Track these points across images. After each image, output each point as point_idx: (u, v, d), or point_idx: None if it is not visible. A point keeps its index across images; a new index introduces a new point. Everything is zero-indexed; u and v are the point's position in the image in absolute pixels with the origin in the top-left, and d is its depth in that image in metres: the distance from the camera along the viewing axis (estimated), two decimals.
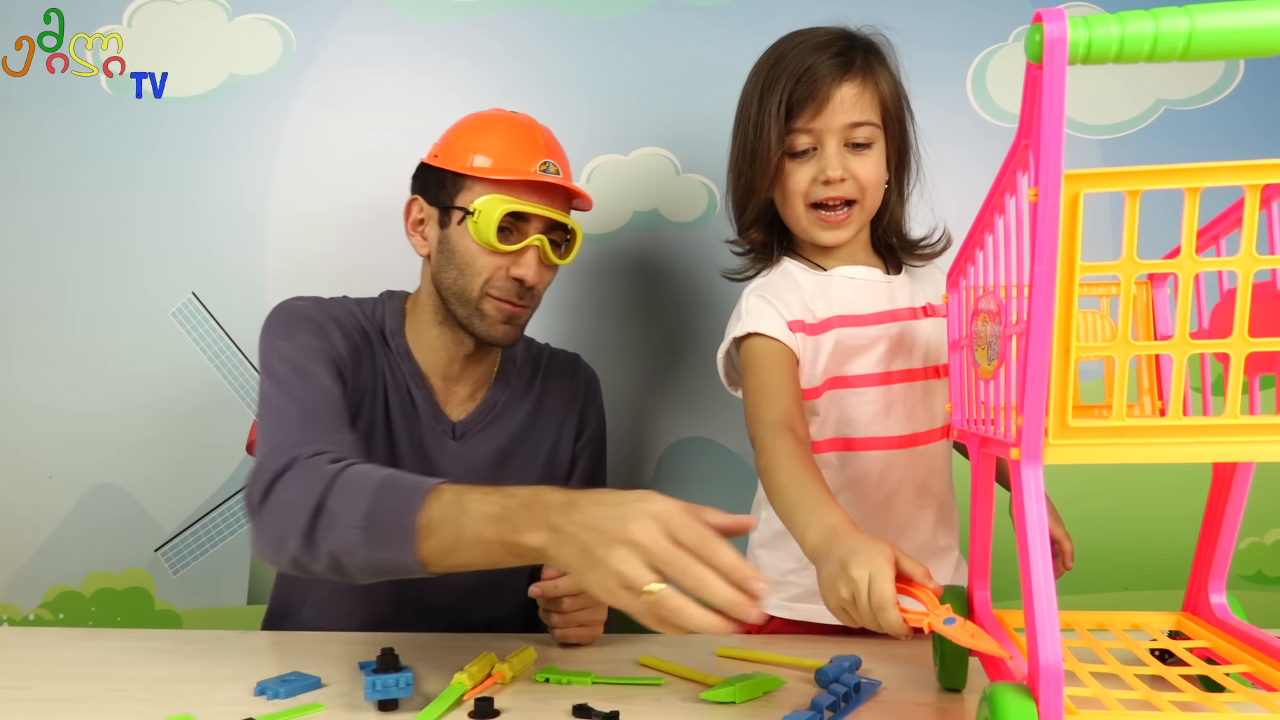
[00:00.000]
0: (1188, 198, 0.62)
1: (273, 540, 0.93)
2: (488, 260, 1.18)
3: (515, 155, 1.17)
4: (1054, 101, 0.60)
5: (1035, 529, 0.64)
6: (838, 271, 1.15)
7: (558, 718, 0.87)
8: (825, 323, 1.12)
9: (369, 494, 0.88)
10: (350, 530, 0.88)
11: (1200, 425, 0.65)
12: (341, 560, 0.89)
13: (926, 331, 1.14)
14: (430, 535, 0.85)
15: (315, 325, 1.15)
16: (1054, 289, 0.62)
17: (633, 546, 0.75)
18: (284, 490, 0.94)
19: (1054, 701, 0.61)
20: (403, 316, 1.27)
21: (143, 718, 0.86)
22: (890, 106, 1.10)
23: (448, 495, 0.87)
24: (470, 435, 1.26)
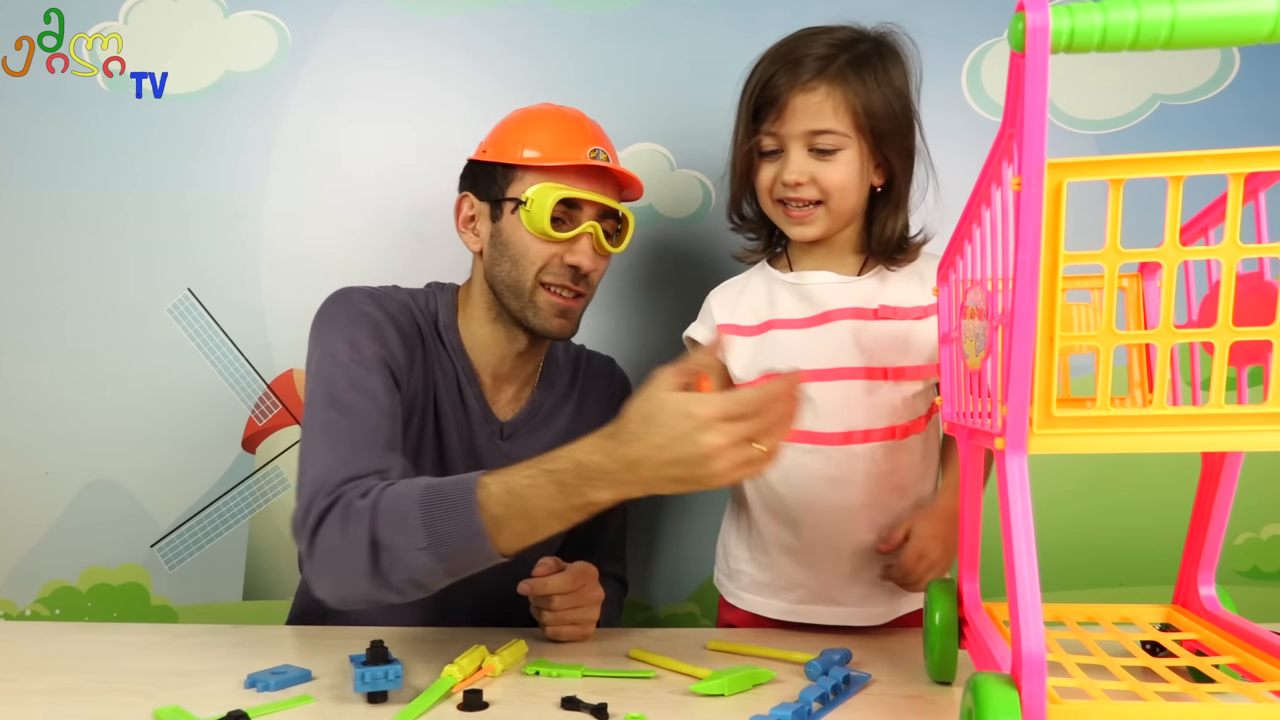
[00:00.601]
0: (1171, 186, 0.62)
1: (336, 585, 0.97)
2: (541, 249, 1.17)
3: (566, 144, 1.17)
4: (1036, 90, 0.60)
5: (1019, 519, 0.64)
6: (800, 276, 1.19)
7: (546, 710, 0.87)
8: (765, 324, 1.19)
9: (419, 517, 0.91)
10: (418, 555, 0.91)
11: (1185, 415, 0.65)
12: (420, 580, 0.93)
13: (876, 332, 1.14)
14: (501, 529, 0.90)
15: (374, 325, 1.13)
16: (1037, 278, 0.62)
17: (718, 453, 0.83)
18: (328, 536, 0.95)
19: (1036, 691, 0.61)
20: (455, 310, 1.25)
21: (132, 709, 0.87)
22: (864, 115, 1.10)
23: (495, 488, 0.91)
24: (518, 436, 1.25)
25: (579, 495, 0.89)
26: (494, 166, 1.19)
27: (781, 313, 1.18)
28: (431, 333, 1.22)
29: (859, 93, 1.09)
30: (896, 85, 1.12)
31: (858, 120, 1.10)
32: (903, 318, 1.15)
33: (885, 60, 1.12)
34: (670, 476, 0.85)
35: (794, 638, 1.11)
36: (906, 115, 1.14)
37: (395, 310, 1.17)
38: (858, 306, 1.16)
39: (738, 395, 0.84)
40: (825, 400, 1.14)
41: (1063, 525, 1.53)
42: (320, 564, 0.96)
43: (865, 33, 1.15)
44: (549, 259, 1.17)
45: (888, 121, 1.11)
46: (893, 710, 0.87)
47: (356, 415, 1.05)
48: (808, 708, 0.84)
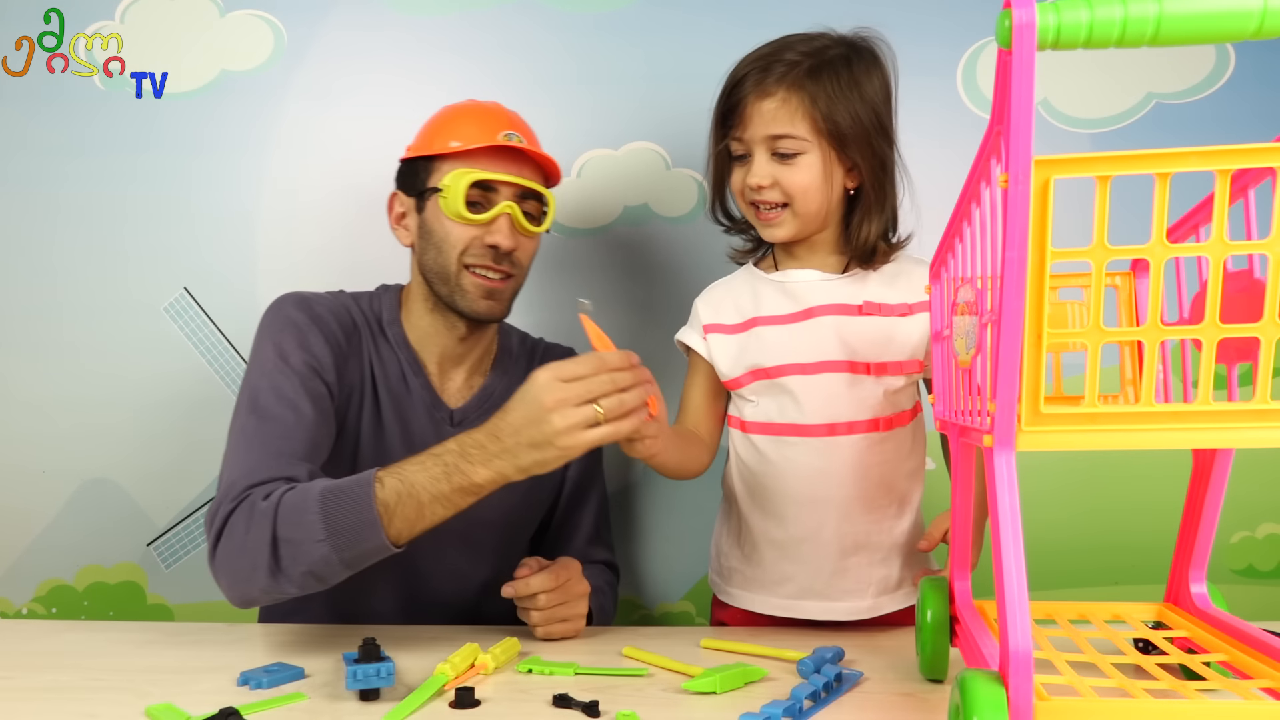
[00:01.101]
0: (1158, 183, 0.62)
1: (238, 581, 1.01)
2: (461, 232, 1.20)
3: (477, 130, 1.20)
4: (1023, 86, 0.60)
5: (1007, 516, 0.64)
6: (784, 274, 1.21)
7: (538, 708, 0.87)
8: (749, 322, 1.20)
9: (317, 511, 0.97)
10: (316, 546, 0.97)
11: (1173, 411, 0.65)
12: (318, 572, 0.98)
13: (860, 327, 1.15)
14: (392, 517, 0.97)
15: (299, 330, 1.18)
16: (1025, 275, 0.62)
17: (557, 407, 0.94)
18: (232, 536, 1.01)
19: (1024, 688, 0.61)
20: (399, 307, 1.29)
21: (124, 707, 0.87)
22: (825, 120, 1.11)
23: (389, 480, 0.98)
24: (468, 422, 1.26)
25: (460, 474, 0.98)
26: (416, 162, 1.24)
27: (766, 310, 1.20)
28: (374, 330, 1.26)
29: (817, 99, 1.11)
30: (864, 91, 1.13)
31: (816, 125, 1.12)
32: (886, 314, 1.16)
33: (854, 66, 1.13)
34: (524, 441, 0.96)
35: (787, 635, 1.11)
36: (876, 120, 1.14)
37: (324, 313, 1.21)
38: (841, 303, 1.17)
39: (575, 358, 0.96)
40: (808, 393, 1.15)
41: (1056, 524, 1.53)
42: (223, 562, 1.02)
43: (838, 39, 1.16)
44: (469, 241, 1.20)
45: (852, 127, 1.12)
46: (884, 708, 0.87)
47: (273, 421, 1.10)
48: (799, 705, 0.84)
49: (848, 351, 1.15)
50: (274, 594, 1.00)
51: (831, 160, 1.13)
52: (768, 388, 1.19)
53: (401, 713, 0.84)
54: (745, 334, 1.20)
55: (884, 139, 1.15)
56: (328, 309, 1.22)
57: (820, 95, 1.11)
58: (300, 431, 1.10)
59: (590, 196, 1.57)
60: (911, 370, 1.16)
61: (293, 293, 1.24)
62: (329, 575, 0.99)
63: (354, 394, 1.21)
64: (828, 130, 1.12)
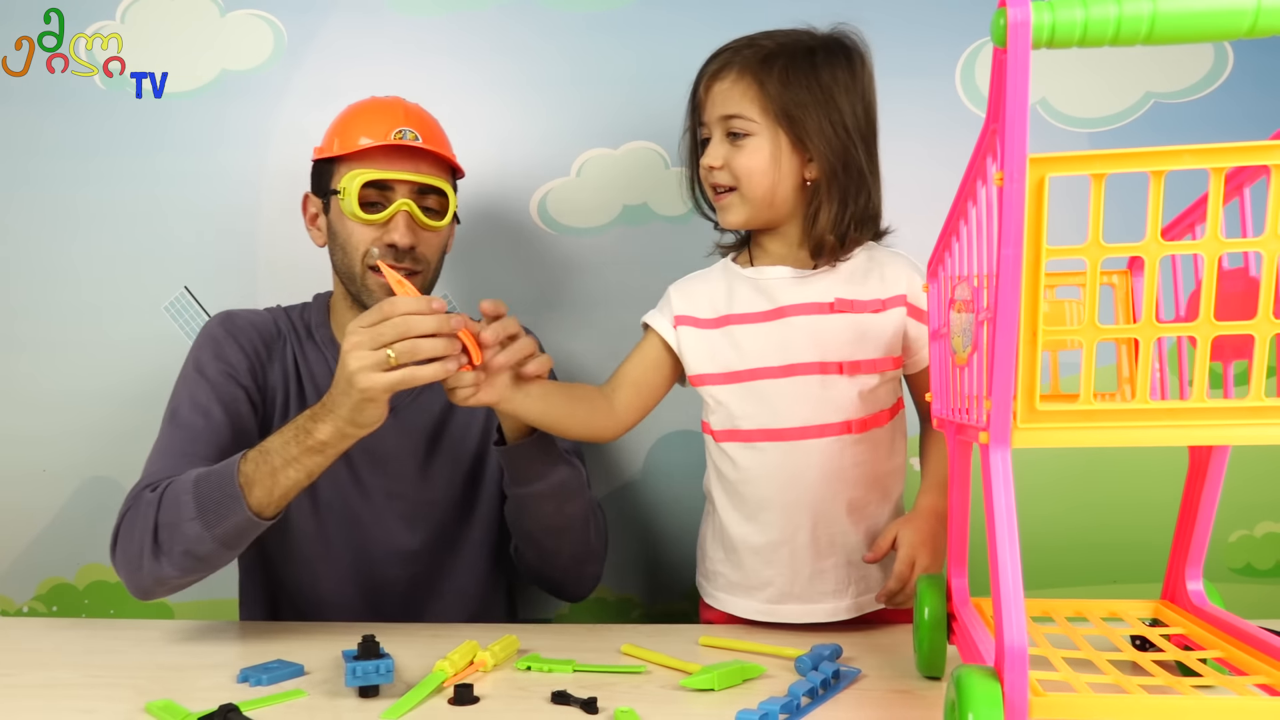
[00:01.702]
0: (1153, 181, 0.62)
1: (130, 571, 1.08)
2: (362, 232, 1.22)
3: (370, 129, 1.22)
4: (1018, 84, 0.60)
5: (1003, 512, 0.65)
6: (758, 271, 1.20)
7: (537, 705, 0.87)
8: (722, 319, 1.20)
9: (190, 492, 1.04)
10: (189, 525, 1.04)
11: (1168, 409, 0.65)
12: (194, 551, 1.05)
13: (832, 325, 1.14)
14: (252, 485, 1.03)
15: (217, 344, 1.26)
16: (1020, 273, 0.63)
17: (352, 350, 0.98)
18: (125, 530, 1.09)
19: (1019, 683, 0.61)
20: (327, 311, 1.34)
21: (124, 704, 0.87)
22: (775, 104, 1.12)
23: (252, 453, 1.05)
24: (403, 407, 1.29)
25: (305, 434, 1.03)
26: (321, 163, 1.26)
27: (739, 307, 1.19)
28: (300, 335, 1.32)
29: (766, 82, 1.12)
30: (823, 80, 1.12)
31: (766, 108, 1.12)
32: (858, 310, 1.15)
33: (816, 57, 1.13)
34: (339, 390, 1.01)
35: (784, 634, 1.11)
36: (834, 110, 1.13)
37: (245, 325, 1.29)
38: (813, 301, 1.16)
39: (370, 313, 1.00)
40: (780, 396, 1.14)
41: (1053, 522, 1.53)
42: (118, 555, 1.09)
43: (811, 34, 1.16)
44: (371, 242, 1.22)
45: (803, 111, 1.11)
46: (881, 704, 0.87)
47: (183, 429, 1.18)
48: (796, 702, 0.84)
49: (819, 352, 1.14)
50: (160, 578, 1.06)
51: (782, 146, 1.13)
52: (738, 391, 1.18)
53: (400, 709, 0.84)
54: (718, 331, 1.19)
55: (845, 133, 1.13)
56: (249, 321, 1.29)
57: (770, 80, 1.12)
58: (207, 435, 1.17)
59: (589, 196, 1.57)
60: (885, 368, 1.15)
61: (221, 312, 1.32)
62: (206, 554, 1.05)
63: (277, 394, 1.27)
64: (776, 113, 1.12)
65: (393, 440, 1.27)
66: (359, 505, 1.28)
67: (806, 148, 1.13)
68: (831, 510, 1.15)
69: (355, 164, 1.21)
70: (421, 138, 1.22)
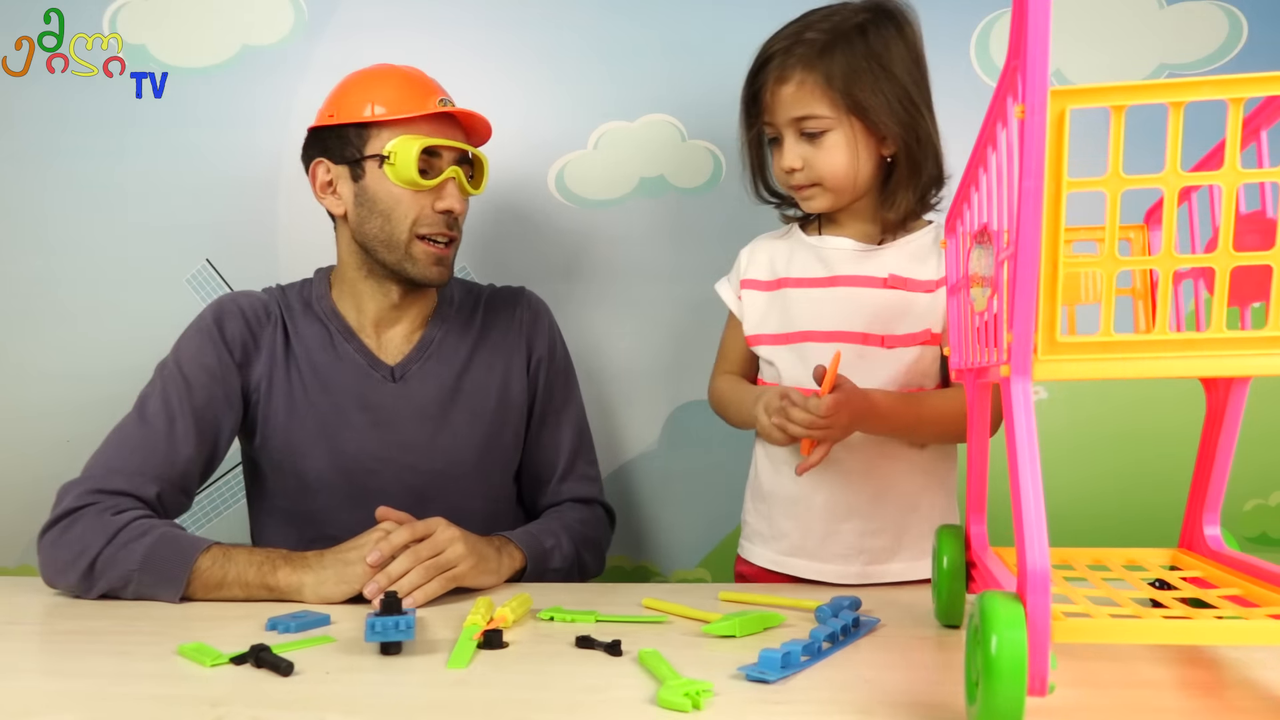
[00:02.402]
0: (1171, 113, 0.63)
1: (52, 568, 1.10)
2: (412, 200, 1.22)
3: (413, 96, 1.23)
4: (1040, 18, 0.61)
5: (1024, 441, 0.66)
6: (821, 240, 1.24)
7: (562, 649, 0.88)
8: (779, 281, 1.24)
9: (144, 549, 1.06)
10: (125, 569, 1.06)
11: (1187, 340, 0.66)
12: (114, 588, 1.07)
13: (881, 300, 1.18)
14: (198, 577, 1.06)
15: (202, 341, 1.26)
16: (1041, 204, 0.64)
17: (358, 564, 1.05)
18: (70, 529, 1.10)
19: (1041, 604, 0.62)
20: (328, 283, 1.34)
21: (158, 646, 0.89)
22: (844, 97, 1.12)
23: (216, 551, 1.08)
24: (409, 375, 1.30)
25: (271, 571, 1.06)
26: (345, 129, 1.24)
27: (796, 272, 1.22)
28: (294, 309, 1.31)
29: (832, 76, 1.12)
30: (884, 60, 1.13)
31: (836, 102, 1.13)
32: (911, 289, 1.18)
33: (869, 36, 1.13)
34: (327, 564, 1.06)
35: (804, 590, 1.13)
36: (900, 88, 1.14)
37: (235, 317, 1.28)
38: (868, 275, 1.19)
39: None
40: (821, 358, 1.15)
41: (1066, 487, 1.54)
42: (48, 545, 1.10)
43: (857, 7, 1.16)
44: (421, 209, 1.23)
45: (874, 98, 1.12)
46: (901, 649, 0.89)
47: (148, 429, 1.20)
48: (818, 645, 0.85)
49: (863, 322, 1.17)
50: (71, 589, 1.09)
51: (858, 134, 1.14)
52: (785, 352, 1.21)
53: (460, 659, 0.84)
54: (773, 293, 1.23)
55: (912, 105, 1.14)
56: (243, 309, 1.29)
57: (835, 72, 1.12)
58: (166, 447, 1.19)
59: (607, 168, 1.59)
60: (923, 340, 1.17)
61: (218, 300, 1.31)
62: (121, 594, 1.07)
63: (263, 382, 1.28)
64: (848, 105, 1.13)
65: (406, 411, 1.29)
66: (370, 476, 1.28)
67: (881, 130, 1.14)
68: (852, 475, 1.17)
69: (404, 130, 1.21)
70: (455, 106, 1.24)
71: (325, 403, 1.27)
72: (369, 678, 0.81)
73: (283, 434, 1.27)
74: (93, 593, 1.07)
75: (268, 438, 1.27)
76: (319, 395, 1.27)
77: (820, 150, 1.15)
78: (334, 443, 1.26)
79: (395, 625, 0.87)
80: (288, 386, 1.27)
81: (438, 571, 1.06)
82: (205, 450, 1.23)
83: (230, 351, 1.26)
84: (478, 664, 0.84)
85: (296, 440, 1.27)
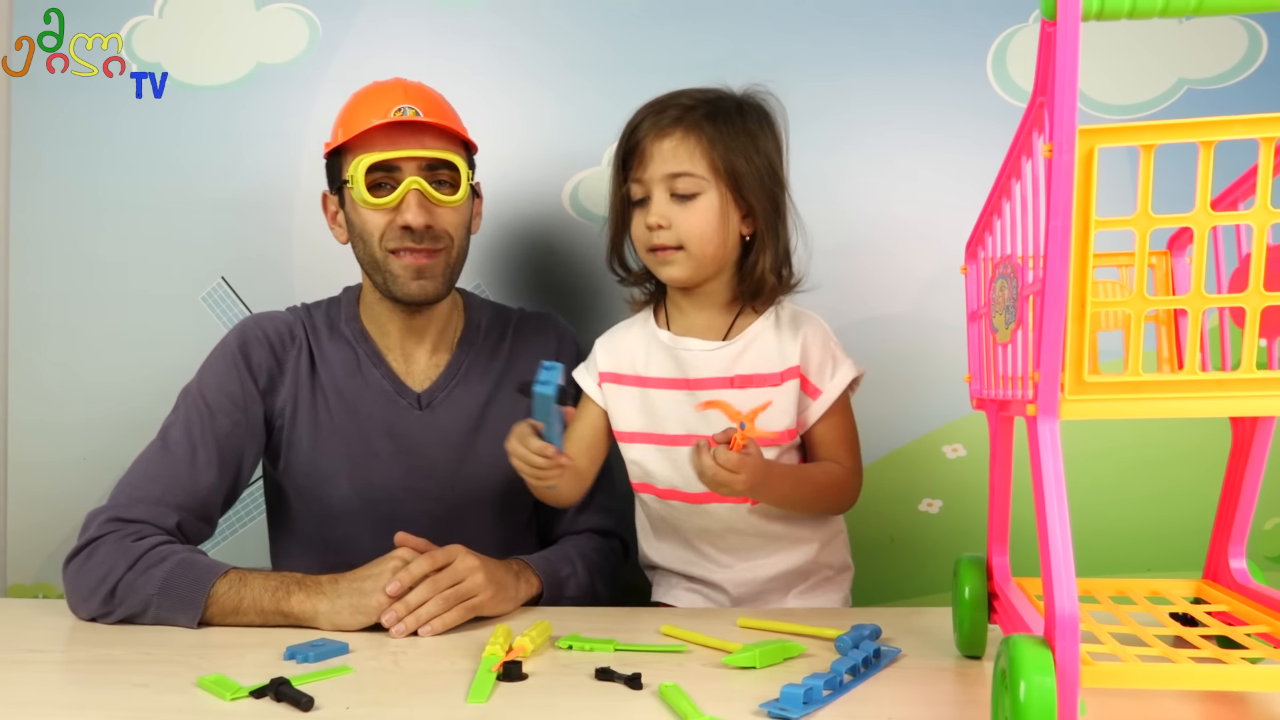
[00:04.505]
0: (1202, 152, 0.63)
1: (77, 600, 1.10)
2: (375, 219, 1.21)
3: (363, 112, 1.20)
4: (1068, 57, 0.61)
5: (1052, 484, 0.65)
6: (674, 340, 1.23)
7: (582, 680, 0.88)
8: (641, 380, 1.24)
9: (164, 576, 1.07)
10: (145, 594, 1.06)
11: (1216, 380, 0.66)
12: (133, 613, 1.07)
13: (734, 400, 1.15)
14: (214, 603, 1.06)
15: (225, 368, 1.25)
16: (1069, 244, 0.63)
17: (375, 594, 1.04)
18: (92, 558, 1.10)
19: (1070, 650, 0.61)
20: (357, 304, 1.33)
21: (177, 678, 0.89)
22: (727, 162, 1.14)
23: (233, 575, 1.08)
24: (437, 403, 1.29)
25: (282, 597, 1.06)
26: (333, 158, 1.25)
27: (655, 371, 1.23)
28: (319, 332, 1.30)
29: (714, 139, 1.15)
30: (755, 138, 1.17)
31: (714, 164, 1.15)
32: (759, 385, 1.19)
33: (745, 115, 1.18)
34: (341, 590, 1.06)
35: (820, 616, 1.12)
36: (768, 164, 1.18)
37: (260, 342, 1.27)
38: (718, 375, 1.20)
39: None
40: (683, 462, 1.17)
41: (1088, 510, 1.53)
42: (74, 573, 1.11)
43: (729, 94, 1.20)
44: (385, 227, 1.21)
45: (747, 167, 1.15)
46: (923, 681, 0.88)
47: (170, 458, 1.20)
48: (839, 678, 0.84)
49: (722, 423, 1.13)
50: (93, 615, 1.09)
51: (728, 203, 1.16)
52: (652, 451, 1.23)
53: (480, 693, 0.83)
54: (638, 391, 1.24)
55: (776, 183, 1.18)
56: (267, 334, 1.28)
57: (717, 137, 1.15)
58: (188, 475, 1.19)
59: None
60: (780, 441, 1.19)
61: (242, 322, 1.31)
62: (140, 619, 1.07)
63: (287, 408, 1.27)
64: (724, 170, 1.15)
65: (432, 439, 1.29)
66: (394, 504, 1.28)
67: (749, 202, 1.16)
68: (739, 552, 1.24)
69: (359, 149, 1.19)
70: (423, 112, 1.19)
71: (351, 429, 1.27)
72: (390, 713, 0.81)
73: (307, 460, 1.27)
74: (112, 618, 1.08)
75: (291, 463, 1.27)
76: (345, 422, 1.27)
77: (689, 211, 1.15)
78: (359, 470, 1.26)
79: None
80: (313, 413, 1.27)
81: (456, 601, 1.05)
82: (227, 478, 1.23)
83: (254, 379, 1.25)
84: (497, 697, 0.83)
85: (321, 466, 1.26)
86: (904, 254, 1.56)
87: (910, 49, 1.54)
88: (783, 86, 1.54)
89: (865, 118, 1.57)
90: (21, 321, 1.64)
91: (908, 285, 1.57)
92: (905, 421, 1.56)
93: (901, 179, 1.56)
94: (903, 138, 1.56)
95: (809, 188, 1.39)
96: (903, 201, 1.56)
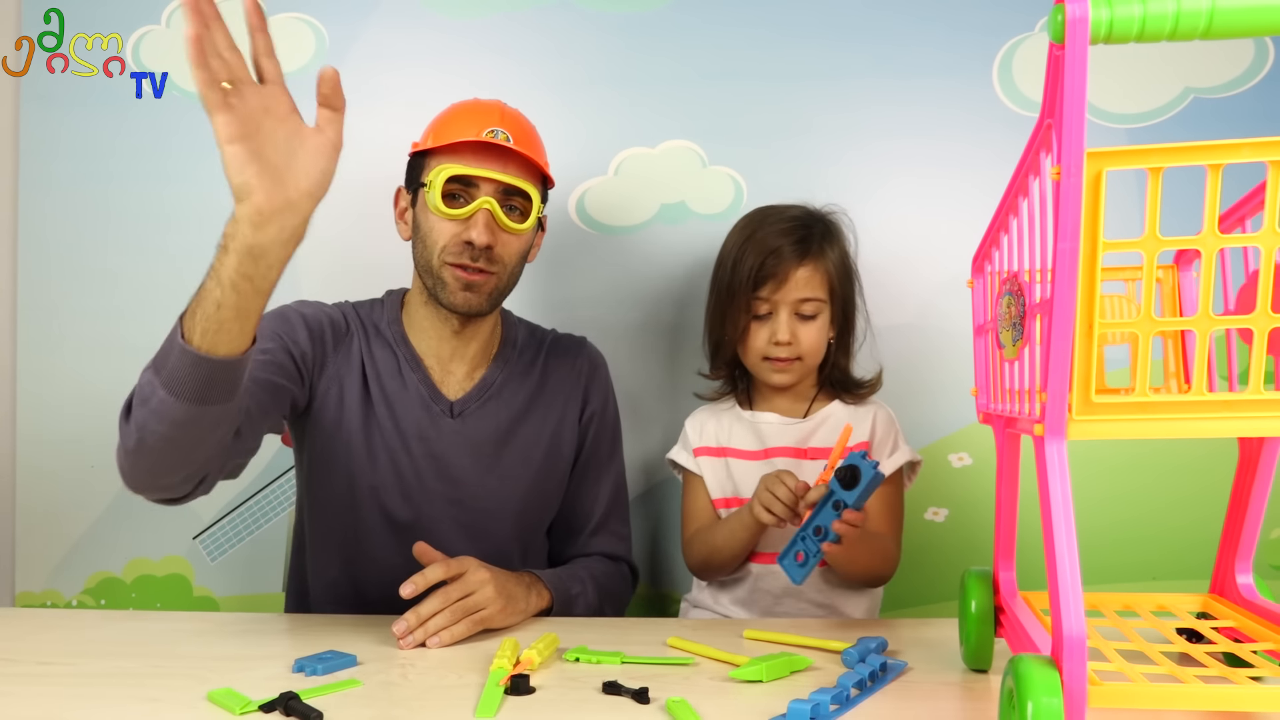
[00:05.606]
0: (1210, 174, 0.63)
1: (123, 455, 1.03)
2: (443, 227, 1.22)
3: (461, 125, 1.23)
4: (1076, 80, 0.61)
5: (1059, 504, 0.65)
6: (756, 415, 1.40)
7: (589, 694, 0.88)
8: (721, 450, 1.40)
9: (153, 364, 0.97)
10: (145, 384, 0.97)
11: (1223, 400, 0.66)
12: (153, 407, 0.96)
13: (805, 468, 1.33)
14: (190, 319, 0.96)
15: (284, 319, 1.25)
16: (1077, 266, 0.63)
17: None
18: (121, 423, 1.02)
19: (1078, 671, 0.62)
20: (400, 308, 1.35)
21: (187, 692, 0.89)
22: (836, 282, 1.33)
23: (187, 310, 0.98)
24: (468, 414, 1.30)
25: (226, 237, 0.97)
26: (414, 157, 1.28)
27: (736, 443, 1.39)
28: (368, 331, 1.31)
29: (832, 262, 1.33)
30: (848, 259, 1.37)
31: (832, 289, 1.34)
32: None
33: (842, 239, 1.37)
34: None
35: (829, 627, 1.12)
36: (856, 279, 1.39)
37: (312, 313, 1.28)
38: (793, 445, 1.36)
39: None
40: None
41: (1094, 519, 1.53)
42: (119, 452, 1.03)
43: (823, 214, 1.37)
44: (450, 237, 1.22)
45: (845, 285, 1.35)
46: (929, 696, 0.88)
47: None
48: (846, 693, 0.85)
49: None
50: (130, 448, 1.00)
51: (832, 318, 1.33)
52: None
53: (488, 708, 0.83)
54: (722, 461, 1.39)
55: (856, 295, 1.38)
56: (318, 309, 1.30)
57: (831, 263, 1.33)
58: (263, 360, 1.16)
59: (627, 194, 1.59)
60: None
61: (299, 301, 1.31)
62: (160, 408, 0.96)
63: (336, 384, 1.27)
64: (839, 294, 1.34)
65: (461, 448, 1.29)
66: (420, 505, 1.29)
67: (844, 315, 1.35)
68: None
69: (444, 158, 1.22)
70: (513, 139, 1.22)
71: (390, 425, 1.28)
72: None
73: (344, 446, 1.26)
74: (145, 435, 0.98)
75: (332, 439, 1.25)
76: (386, 418, 1.28)
77: (810, 329, 1.32)
78: (392, 464, 1.27)
79: None
80: (363, 401, 1.27)
81: (466, 614, 1.06)
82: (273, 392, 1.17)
83: (312, 339, 1.25)
84: (505, 712, 0.84)
85: (353, 456, 1.26)
86: (910, 262, 1.57)
87: (916, 58, 1.55)
88: (789, 95, 1.56)
89: (872, 126, 1.57)
90: (25, 331, 1.65)
91: (915, 293, 1.57)
92: (911, 430, 1.56)
93: (908, 186, 1.57)
94: (909, 146, 1.56)
95: (816, 196, 1.40)
96: (909, 209, 1.57)
